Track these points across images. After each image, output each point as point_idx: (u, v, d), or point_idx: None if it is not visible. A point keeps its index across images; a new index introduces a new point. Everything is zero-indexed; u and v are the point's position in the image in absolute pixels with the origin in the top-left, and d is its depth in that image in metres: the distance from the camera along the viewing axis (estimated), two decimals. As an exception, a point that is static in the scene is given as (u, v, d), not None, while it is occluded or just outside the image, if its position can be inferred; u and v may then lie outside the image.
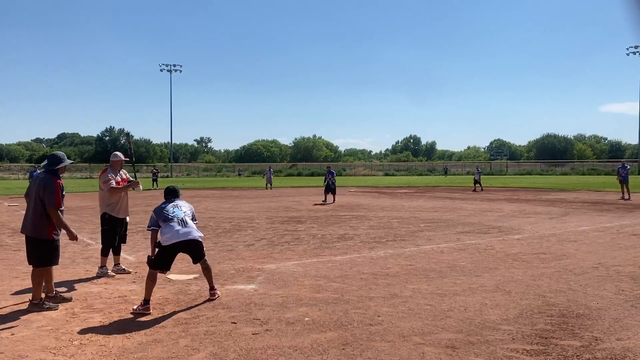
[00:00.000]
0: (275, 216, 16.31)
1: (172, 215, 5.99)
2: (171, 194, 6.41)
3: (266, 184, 37.09)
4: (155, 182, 38.58)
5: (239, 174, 74.47)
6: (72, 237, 5.89)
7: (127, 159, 8.20)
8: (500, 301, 5.94)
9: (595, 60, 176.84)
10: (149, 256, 6.02)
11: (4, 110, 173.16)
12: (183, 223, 5.95)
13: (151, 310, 5.61)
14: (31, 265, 5.90)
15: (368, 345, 4.52)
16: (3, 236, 11.93)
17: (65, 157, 6.13)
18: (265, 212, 17.65)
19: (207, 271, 6.13)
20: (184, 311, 5.63)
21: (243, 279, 7.20)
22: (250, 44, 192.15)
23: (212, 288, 6.16)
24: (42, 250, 5.82)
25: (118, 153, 8.03)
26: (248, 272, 7.71)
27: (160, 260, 5.85)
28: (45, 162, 6.05)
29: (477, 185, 31.42)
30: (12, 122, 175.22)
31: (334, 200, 22.61)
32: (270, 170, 38.28)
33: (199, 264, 6.11)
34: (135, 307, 5.69)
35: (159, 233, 6.02)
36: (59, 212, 5.80)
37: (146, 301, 5.66)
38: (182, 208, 6.14)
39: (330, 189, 22.66)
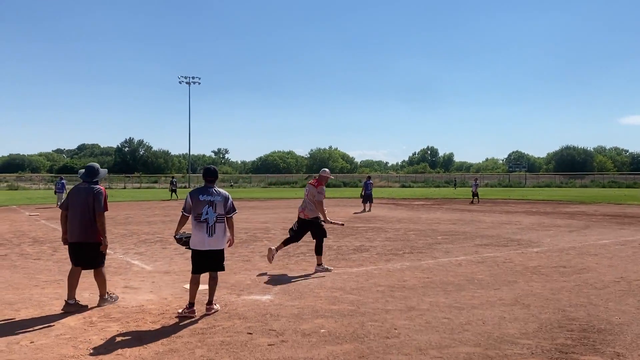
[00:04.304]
0: (292, 227, 16.29)
1: (203, 218, 5.94)
2: (211, 175, 6.17)
3: None
4: (174, 193, 38.24)
5: (231, 185, 73.72)
6: (105, 245, 6.38)
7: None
8: (519, 315, 5.85)
9: (615, 71, 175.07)
10: (174, 236, 6.35)
11: (25, 122, 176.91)
12: (211, 231, 5.94)
13: (196, 313, 5.83)
14: (92, 268, 6.35)
15: (384, 358, 4.48)
16: (24, 245, 12.11)
17: (100, 168, 6.60)
18: (281, 223, 17.66)
19: (212, 282, 6.10)
20: (200, 321, 5.64)
21: (259, 290, 7.20)
22: (267, 57, 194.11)
23: (210, 302, 6.06)
24: (96, 252, 6.33)
25: (327, 170, 9.27)
26: (264, 282, 7.71)
27: (194, 264, 6.08)
28: (84, 172, 6.47)
29: (475, 197, 31.06)
30: (34, 133, 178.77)
31: (370, 209, 23.88)
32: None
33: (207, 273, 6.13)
34: (180, 310, 5.93)
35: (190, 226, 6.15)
36: (104, 217, 6.33)
37: (191, 304, 5.89)
38: (216, 207, 5.99)
39: (366, 198, 24.14)
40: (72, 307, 6.09)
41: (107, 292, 6.46)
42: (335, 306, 6.26)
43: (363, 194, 24.37)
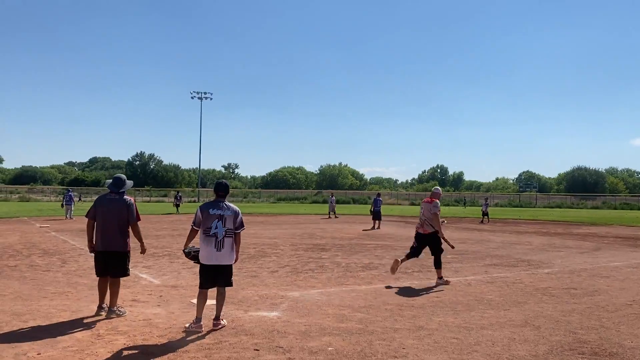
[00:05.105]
0: (300, 243, 16.29)
1: (212, 232, 5.94)
2: (222, 190, 6.17)
3: (329, 212, 33.60)
4: (178, 207, 37.62)
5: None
6: (144, 249, 6.88)
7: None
8: (529, 336, 5.78)
9: (627, 92, 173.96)
10: (183, 250, 6.38)
11: (38, 134, 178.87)
12: (220, 245, 5.94)
13: (203, 328, 5.81)
14: (116, 277, 6.53)
15: (392, 377, 4.42)
16: (34, 256, 12.18)
17: (127, 179, 6.83)
18: (290, 239, 17.64)
19: (220, 297, 6.08)
20: (207, 336, 5.62)
21: (266, 306, 7.17)
22: (278, 73, 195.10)
23: (217, 317, 6.03)
24: (126, 261, 6.61)
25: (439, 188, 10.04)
26: (271, 299, 7.68)
27: (202, 279, 6.06)
28: (111, 183, 6.66)
29: (485, 217, 30.79)
30: (46, 146, 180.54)
31: (379, 226, 23.81)
32: (333, 197, 35.18)
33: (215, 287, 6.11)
34: (187, 324, 5.93)
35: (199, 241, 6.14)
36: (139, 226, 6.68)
37: (198, 319, 5.88)
38: (226, 222, 5.99)
39: (375, 215, 24.07)
40: (103, 311, 6.46)
41: (116, 305, 6.51)
42: (343, 324, 6.22)
43: (372, 210, 24.36)
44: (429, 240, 9.38)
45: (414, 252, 9.54)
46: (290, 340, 5.51)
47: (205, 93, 77.68)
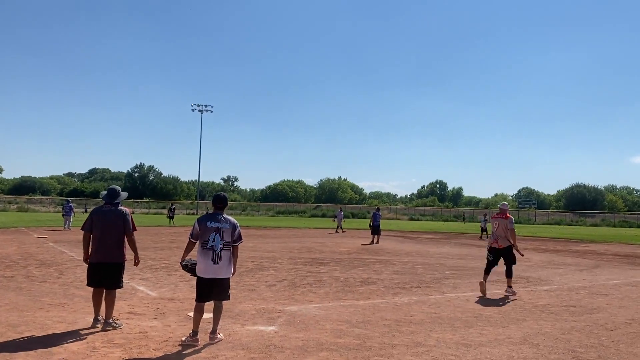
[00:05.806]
0: (298, 257, 16.24)
1: (210, 245, 5.92)
2: (220, 202, 6.17)
3: (337, 227, 32.69)
4: (171, 220, 36.89)
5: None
6: (138, 261, 6.82)
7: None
8: (527, 354, 5.74)
9: (626, 110, 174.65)
10: (180, 262, 6.36)
11: (38, 145, 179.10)
12: (217, 258, 5.91)
13: (200, 342, 5.77)
14: (110, 289, 6.50)
15: (389, 394, 4.38)
16: (30, 267, 12.12)
17: (121, 190, 6.86)
18: (288, 253, 17.59)
19: (217, 311, 6.04)
20: (203, 350, 5.59)
21: (264, 320, 7.13)
22: (279, 87, 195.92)
23: (213, 331, 6.00)
24: (120, 273, 6.60)
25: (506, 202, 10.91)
26: (269, 313, 7.64)
27: (198, 292, 6.02)
28: (106, 195, 6.70)
29: (484, 232, 30.72)
30: (45, 157, 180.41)
31: (378, 241, 23.72)
32: (341, 211, 34.15)
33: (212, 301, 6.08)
34: (184, 338, 5.89)
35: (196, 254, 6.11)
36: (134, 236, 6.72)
37: (194, 332, 5.85)
38: (223, 235, 5.97)
39: (375, 229, 24.02)
40: (99, 323, 6.42)
41: (112, 317, 6.48)
42: (340, 339, 6.18)
43: (372, 224, 24.33)
44: (504, 253, 10.11)
45: (492, 264, 10.22)
46: (287, 355, 5.47)
47: (205, 106, 77.72)
